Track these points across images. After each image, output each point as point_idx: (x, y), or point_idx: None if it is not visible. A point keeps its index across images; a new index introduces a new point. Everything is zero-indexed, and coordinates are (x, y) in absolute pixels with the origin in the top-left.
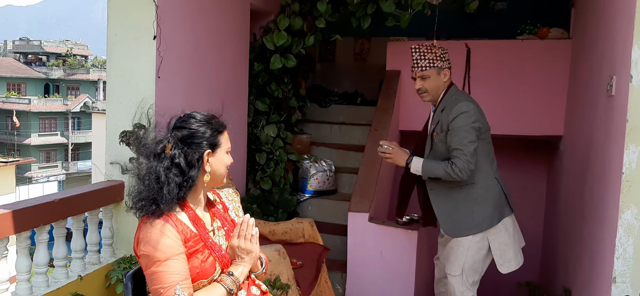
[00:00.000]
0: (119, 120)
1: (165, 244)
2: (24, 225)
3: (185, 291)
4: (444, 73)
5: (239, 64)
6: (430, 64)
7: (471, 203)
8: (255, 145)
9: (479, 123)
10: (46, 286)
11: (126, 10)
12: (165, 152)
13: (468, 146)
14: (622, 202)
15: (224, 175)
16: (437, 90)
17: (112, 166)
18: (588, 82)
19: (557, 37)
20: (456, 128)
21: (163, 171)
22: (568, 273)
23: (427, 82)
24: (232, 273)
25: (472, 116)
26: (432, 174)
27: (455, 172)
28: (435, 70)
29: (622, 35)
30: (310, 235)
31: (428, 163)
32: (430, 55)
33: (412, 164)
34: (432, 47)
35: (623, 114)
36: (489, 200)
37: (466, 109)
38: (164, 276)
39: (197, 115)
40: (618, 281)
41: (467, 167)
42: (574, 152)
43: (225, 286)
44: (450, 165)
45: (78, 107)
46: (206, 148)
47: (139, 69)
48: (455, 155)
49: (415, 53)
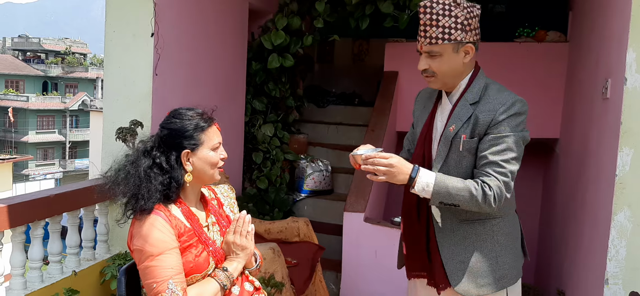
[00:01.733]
0: (116, 116)
1: (159, 238)
2: (19, 219)
3: (178, 286)
4: (466, 49)
5: (236, 63)
6: (446, 34)
7: (496, 246)
8: (252, 144)
9: (528, 132)
10: (40, 281)
11: (124, 8)
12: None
13: (512, 164)
14: (615, 204)
15: (212, 172)
16: (453, 74)
17: (108, 162)
18: (584, 85)
19: (555, 40)
20: (503, 133)
21: (143, 170)
22: (562, 275)
23: (437, 62)
24: (226, 269)
25: (524, 120)
26: (449, 198)
27: (488, 198)
28: (452, 46)
29: (617, 37)
30: (306, 234)
31: (445, 180)
32: (446, 19)
33: (419, 179)
34: (453, 6)
35: (617, 117)
36: (515, 241)
37: (521, 110)
38: (157, 271)
39: (180, 113)
40: (610, 283)
41: (504, 193)
42: (569, 155)
43: (219, 281)
44: (481, 186)
45: (76, 105)
46: (186, 148)
47: (137, 66)
48: (489, 172)
49: (425, 15)
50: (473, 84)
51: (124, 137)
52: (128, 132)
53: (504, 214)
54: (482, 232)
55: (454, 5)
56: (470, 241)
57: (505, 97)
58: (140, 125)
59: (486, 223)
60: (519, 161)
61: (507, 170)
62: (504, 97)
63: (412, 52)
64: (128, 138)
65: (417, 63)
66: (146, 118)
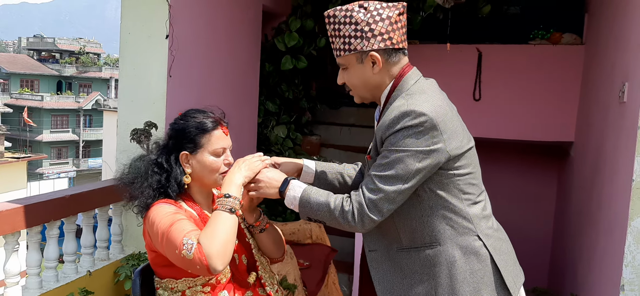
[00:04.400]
0: (130, 118)
1: (166, 212)
2: (35, 220)
3: (192, 239)
4: (372, 58)
5: (250, 64)
6: (346, 44)
7: (433, 281)
8: (265, 146)
9: (443, 142)
10: (56, 281)
11: (139, 9)
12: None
13: (389, 182)
14: (632, 209)
15: (214, 178)
16: (366, 88)
17: (122, 163)
18: (600, 88)
19: (570, 43)
20: (386, 148)
21: (144, 166)
22: (576, 279)
23: (347, 75)
24: (229, 195)
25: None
26: (313, 213)
27: (346, 214)
28: (355, 56)
29: (634, 41)
30: (318, 236)
31: (310, 193)
32: (347, 28)
33: (289, 192)
34: (356, 11)
35: (634, 121)
36: (468, 280)
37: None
38: (173, 236)
39: (188, 115)
40: (626, 289)
41: (366, 211)
42: (584, 158)
43: (224, 208)
44: (341, 199)
45: (90, 104)
46: (184, 149)
47: (151, 68)
48: (360, 187)
49: (329, 25)
50: (392, 97)
51: (139, 138)
52: (142, 133)
53: (441, 239)
54: (413, 261)
55: (357, 11)
56: (400, 269)
57: (399, 108)
58: (154, 127)
59: (418, 252)
60: (402, 181)
61: (377, 187)
62: (397, 108)
63: (425, 54)
64: (142, 140)
65: (429, 65)
66: (160, 120)
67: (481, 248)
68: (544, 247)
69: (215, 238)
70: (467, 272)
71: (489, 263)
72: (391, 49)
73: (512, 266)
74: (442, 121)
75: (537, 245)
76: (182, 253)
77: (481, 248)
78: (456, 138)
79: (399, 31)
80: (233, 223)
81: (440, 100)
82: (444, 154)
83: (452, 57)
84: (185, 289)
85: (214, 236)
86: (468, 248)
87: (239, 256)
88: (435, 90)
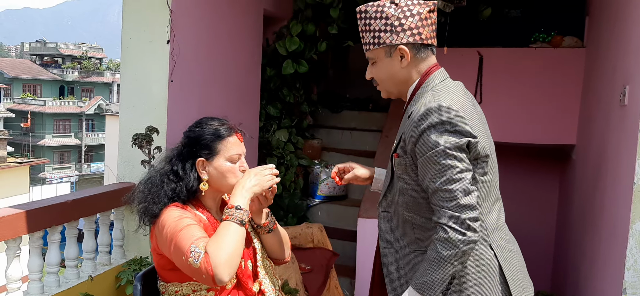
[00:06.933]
0: (132, 123)
1: (175, 217)
2: (37, 225)
3: (200, 247)
4: (400, 52)
5: (251, 69)
6: (376, 38)
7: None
8: (266, 150)
9: (471, 137)
10: (57, 286)
11: (141, 14)
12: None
13: (456, 182)
14: (634, 212)
15: (229, 183)
16: (393, 82)
17: (124, 168)
18: (601, 91)
19: (571, 46)
20: (429, 153)
21: (159, 175)
22: (579, 283)
23: (376, 69)
24: (240, 207)
25: (454, 122)
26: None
27: (451, 240)
28: (384, 50)
29: (635, 44)
30: (320, 240)
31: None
32: (377, 22)
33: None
34: (387, 6)
35: (635, 124)
36: (477, 291)
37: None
38: (182, 243)
39: (202, 122)
40: (628, 292)
41: (464, 211)
42: (586, 161)
43: (234, 220)
44: (434, 240)
45: (92, 109)
46: (200, 156)
47: (153, 73)
48: (438, 204)
49: (361, 20)
50: (417, 93)
51: (140, 144)
52: (144, 138)
53: None
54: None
55: (388, 6)
56: (412, 269)
57: (426, 104)
58: (156, 132)
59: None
60: (464, 169)
61: (449, 194)
62: (425, 104)
63: None
64: (144, 145)
65: None
66: (162, 125)
67: (492, 259)
68: (546, 250)
69: (223, 249)
70: (477, 281)
71: (497, 274)
72: (420, 44)
73: (521, 280)
74: (470, 119)
75: (540, 249)
76: (188, 261)
77: (492, 260)
78: (481, 140)
79: (429, 28)
80: (241, 236)
81: (467, 102)
82: (476, 141)
83: (453, 61)
84: (190, 292)
85: (222, 247)
86: (480, 258)
87: (245, 262)
88: (461, 92)
